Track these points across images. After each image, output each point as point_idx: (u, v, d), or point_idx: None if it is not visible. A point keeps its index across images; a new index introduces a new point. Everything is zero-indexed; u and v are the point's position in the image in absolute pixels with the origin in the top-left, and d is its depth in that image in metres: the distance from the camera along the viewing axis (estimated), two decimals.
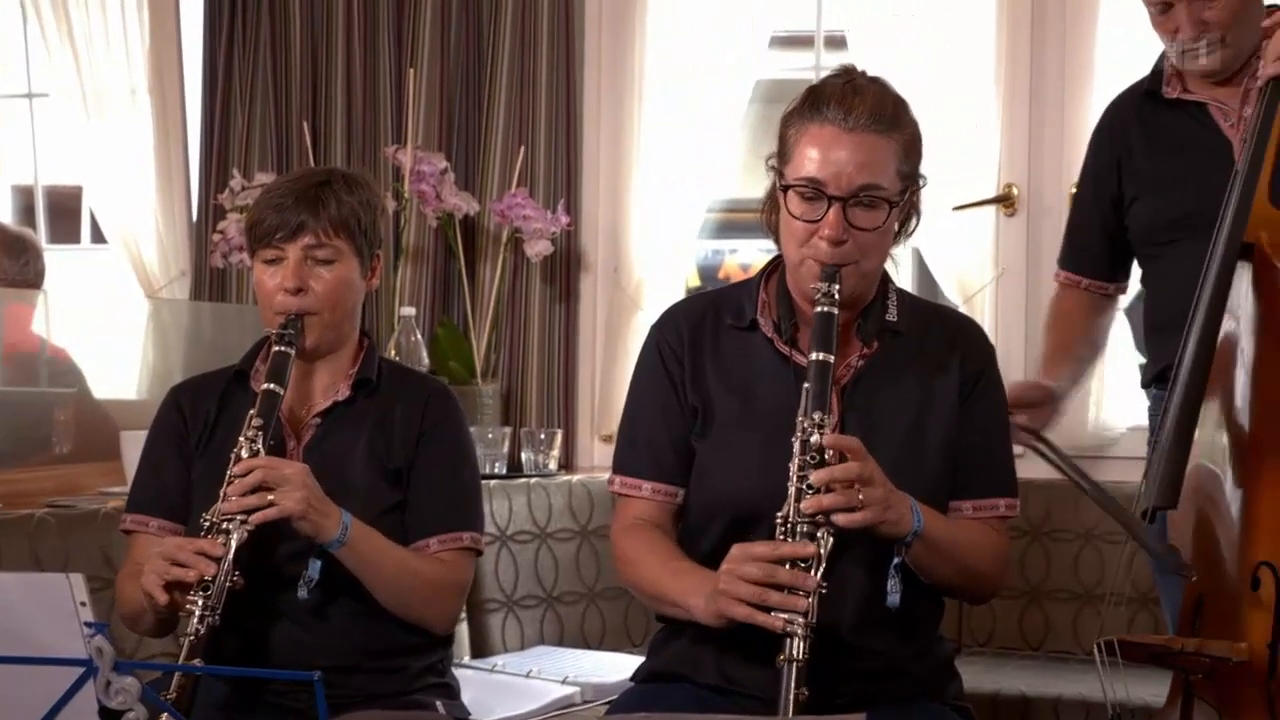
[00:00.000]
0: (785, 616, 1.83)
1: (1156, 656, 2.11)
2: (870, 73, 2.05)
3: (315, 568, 2.13)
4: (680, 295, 3.69)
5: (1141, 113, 2.62)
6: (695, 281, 5.02)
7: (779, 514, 1.89)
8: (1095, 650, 2.10)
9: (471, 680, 2.71)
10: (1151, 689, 2.35)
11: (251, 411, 2.13)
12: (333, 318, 2.23)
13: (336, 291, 2.22)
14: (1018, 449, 2.29)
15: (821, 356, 1.94)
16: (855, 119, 1.95)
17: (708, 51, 3.75)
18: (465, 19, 3.92)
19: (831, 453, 1.88)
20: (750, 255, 4.96)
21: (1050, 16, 3.52)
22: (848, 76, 2.02)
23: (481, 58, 3.92)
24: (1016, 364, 3.54)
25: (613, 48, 3.87)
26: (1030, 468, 3.44)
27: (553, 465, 3.63)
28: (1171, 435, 2.11)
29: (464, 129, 3.94)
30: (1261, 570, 1.95)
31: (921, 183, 2.06)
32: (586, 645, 3.36)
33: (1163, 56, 2.61)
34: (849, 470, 1.87)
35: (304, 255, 2.21)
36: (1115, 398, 3.44)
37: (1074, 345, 2.68)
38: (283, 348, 2.18)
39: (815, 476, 1.87)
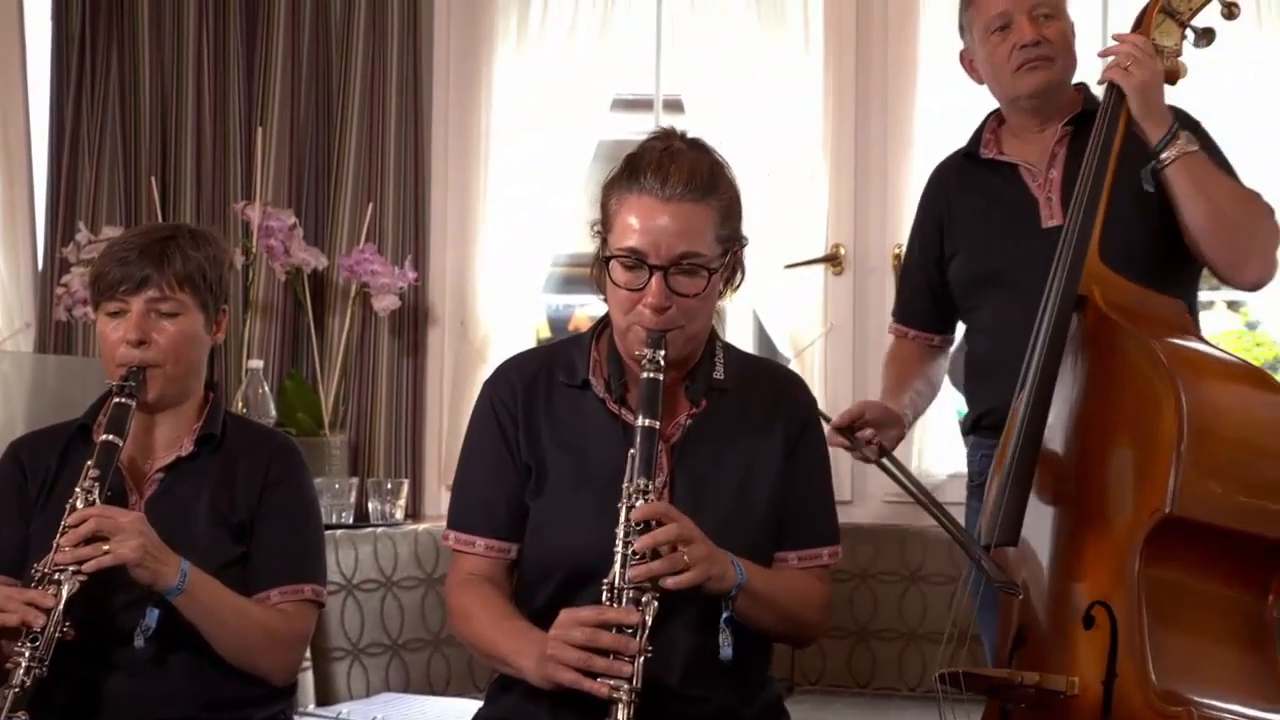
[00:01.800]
0: (611, 683, 1.82)
1: (994, 688, 2.14)
2: (691, 134, 2.04)
3: (153, 616, 2.06)
4: (529, 347, 3.67)
5: (961, 174, 2.71)
6: (546, 333, 5.01)
7: (605, 580, 1.88)
8: (937, 682, 2.12)
9: None
10: None
11: (89, 462, 2.07)
12: (175, 370, 2.18)
13: (179, 344, 2.18)
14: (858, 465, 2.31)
15: (647, 423, 1.93)
16: (671, 188, 1.93)
17: (552, 113, 3.77)
18: (315, 78, 3.88)
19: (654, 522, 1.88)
20: (599, 308, 4.95)
21: (874, 90, 3.61)
22: (665, 142, 2.00)
23: (331, 116, 3.89)
24: (844, 408, 3.59)
25: (460, 108, 3.87)
26: (858, 513, 3.52)
27: (399, 514, 3.58)
28: (1012, 476, 2.15)
29: (314, 186, 3.89)
30: (1096, 609, 2.00)
31: (744, 242, 2.05)
32: (432, 691, 3.31)
33: (983, 123, 2.69)
34: (668, 533, 1.87)
35: (147, 308, 2.17)
36: (936, 446, 3.51)
37: (911, 380, 2.73)
38: (123, 399, 2.13)
39: (638, 544, 1.87)
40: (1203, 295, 3.07)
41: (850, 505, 3.54)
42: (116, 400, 2.12)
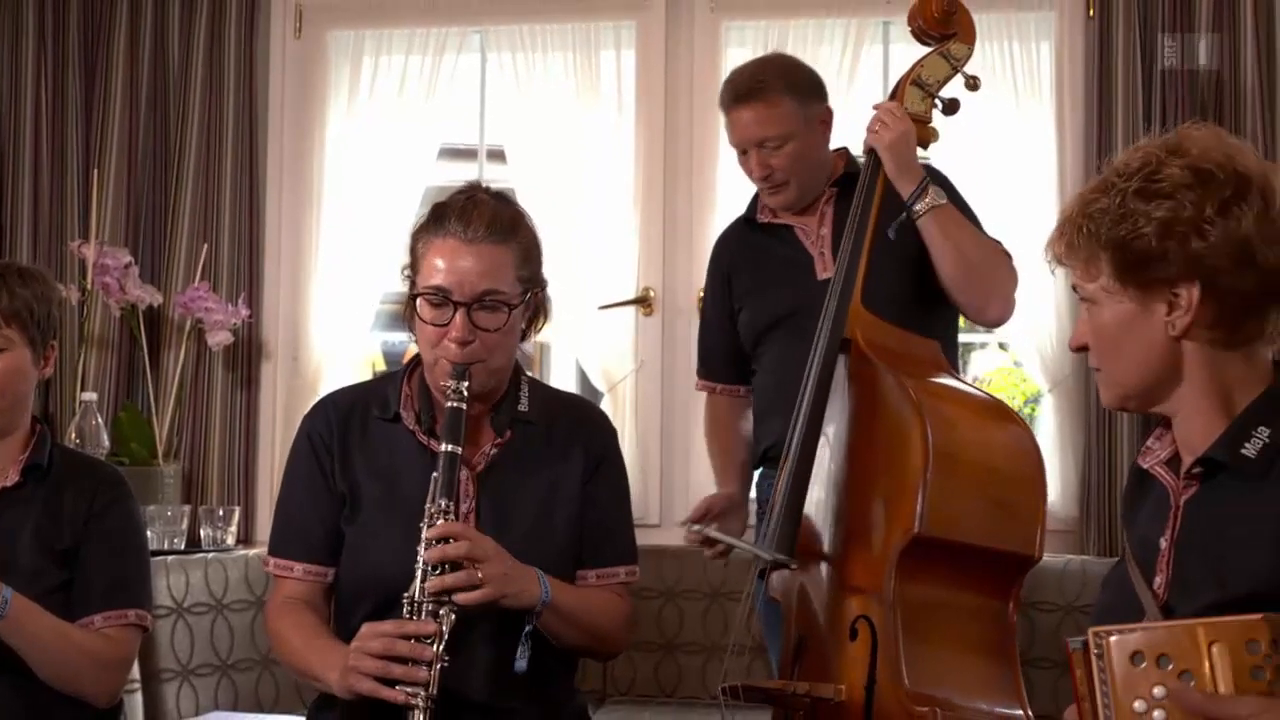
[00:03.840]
0: (408, 690, 1.85)
1: (772, 697, 2.22)
2: (495, 188, 2.10)
3: None
4: (362, 379, 3.67)
5: (743, 236, 2.84)
6: (381, 366, 5.01)
7: (406, 594, 1.91)
8: (720, 694, 2.18)
9: None
10: None
11: None
12: (1, 404, 2.15)
13: (5, 379, 2.17)
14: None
15: (449, 448, 1.97)
16: (474, 231, 2.00)
17: (382, 160, 3.79)
18: (153, 121, 3.85)
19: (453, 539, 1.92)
20: None
21: (680, 147, 3.74)
22: (469, 193, 2.07)
23: (168, 159, 3.85)
24: (653, 440, 3.70)
25: (294, 153, 3.87)
26: (665, 536, 3.60)
27: (230, 540, 3.55)
28: (785, 503, 2.25)
29: (150, 226, 3.85)
30: (859, 623, 2.09)
31: (543, 284, 2.11)
32: (260, 709, 3.29)
33: (758, 191, 2.82)
34: (456, 549, 1.91)
35: None
36: None
37: (734, 449, 2.84)
38: None
39: (427, 555, 1.90)
40: (976, 337, 3.25)
41: (658, 529, 3.62)
42: None
